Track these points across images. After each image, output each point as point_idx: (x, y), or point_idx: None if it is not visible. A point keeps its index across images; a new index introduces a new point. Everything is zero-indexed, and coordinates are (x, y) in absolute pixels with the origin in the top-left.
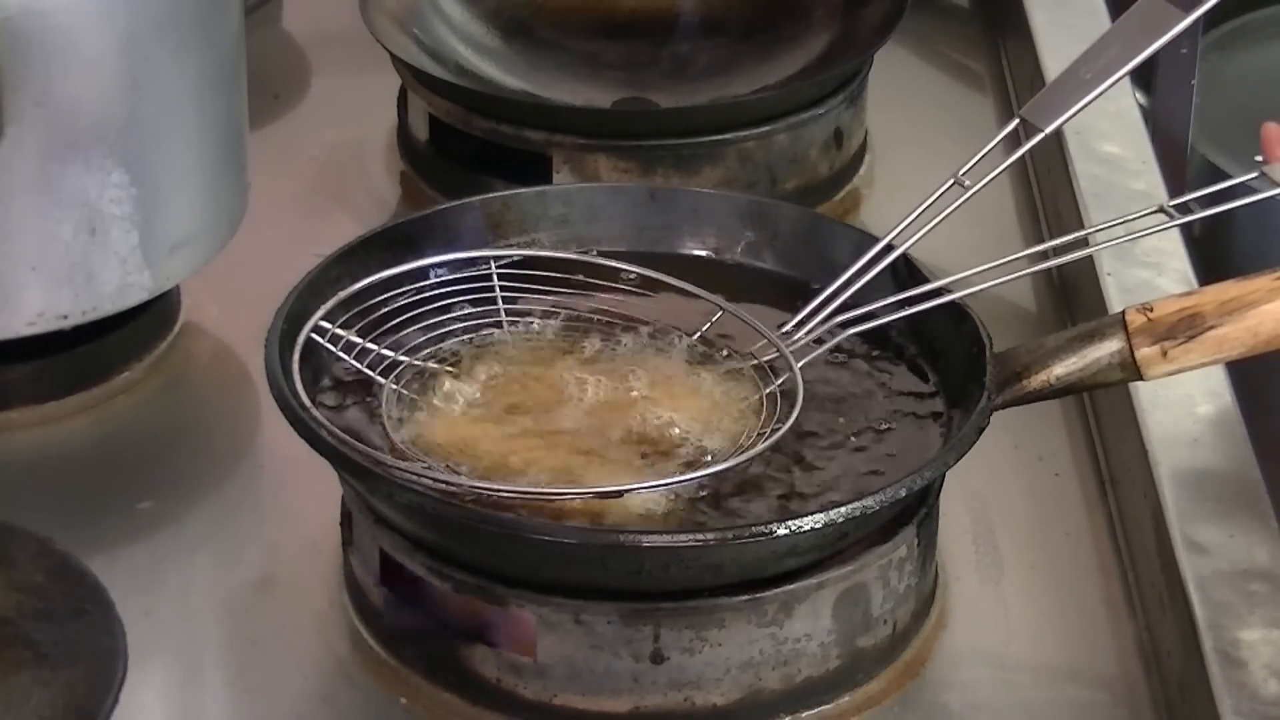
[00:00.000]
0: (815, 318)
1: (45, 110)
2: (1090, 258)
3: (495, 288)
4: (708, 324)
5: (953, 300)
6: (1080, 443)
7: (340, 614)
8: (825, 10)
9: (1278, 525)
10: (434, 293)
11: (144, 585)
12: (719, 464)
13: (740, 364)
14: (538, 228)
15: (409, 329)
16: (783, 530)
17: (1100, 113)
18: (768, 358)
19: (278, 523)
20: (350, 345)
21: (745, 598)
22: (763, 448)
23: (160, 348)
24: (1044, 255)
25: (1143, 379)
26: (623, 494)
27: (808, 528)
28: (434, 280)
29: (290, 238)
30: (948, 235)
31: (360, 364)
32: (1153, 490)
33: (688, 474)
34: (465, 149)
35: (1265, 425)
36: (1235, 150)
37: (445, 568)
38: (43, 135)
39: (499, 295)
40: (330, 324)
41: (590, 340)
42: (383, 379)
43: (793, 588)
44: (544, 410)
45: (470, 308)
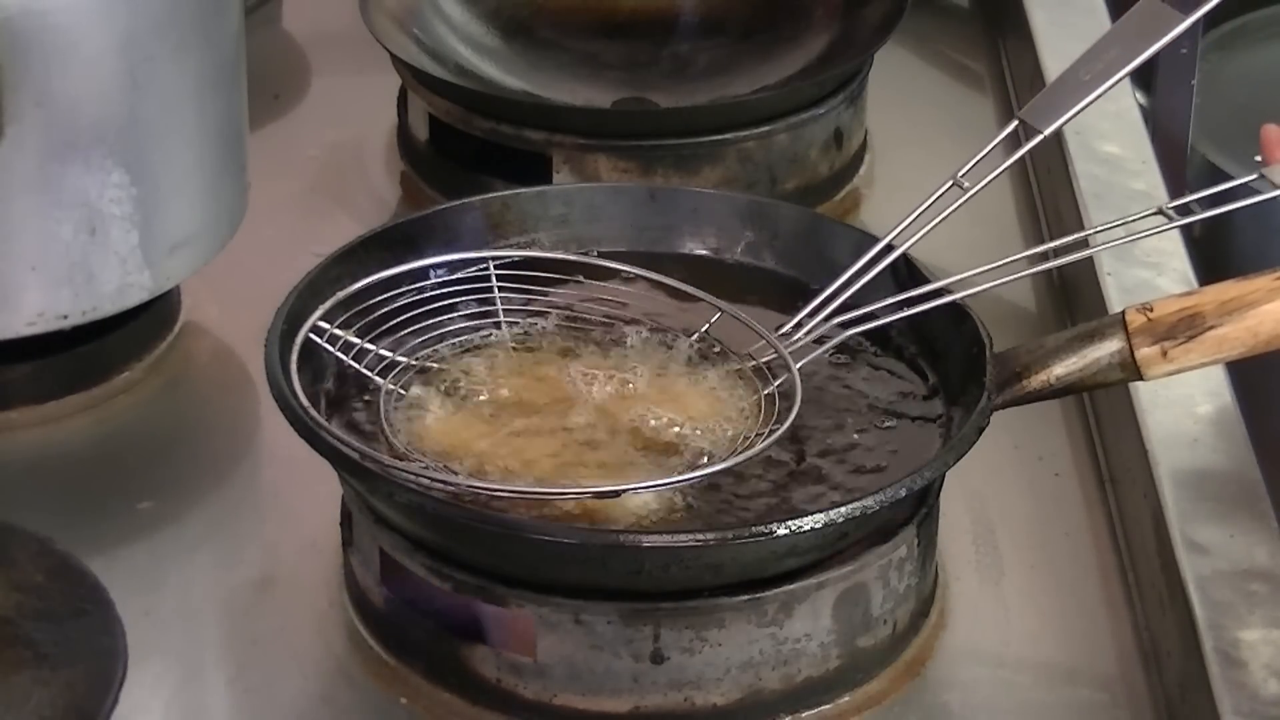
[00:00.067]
0: (815, 318)
1: (45, 110)
2: (1090, 258)
3: (495, 288)
4: (707, 325)
5: (953, 300)
6: (1080, 443)
7: (340, 614)
8: (825, 10)
9: (1278, 525)
10: (434, 293)
11: (144, 585)
12: (718, 464)
13: (740, 364)
14: (538, 228)
15: (409, 329)
16: (783, 530)
17: (1100, 113)
18: (767, 358)
19: (278, 523)
20: (349, 345)
21: (745, 598)
22: (762, 448)
23: (160, 348)
24: (1044, 256)
25: (1143, 379)
26: (621, 494)
27: (808, 528)
28: (434, 280)
29: (290, 238)
30: (948, 235)
31: (359, 364)
32: (1153, 490)
33: (687, 474)
34: (465, 149)
35: (1265, 425)
36: (1235, 150)
37: (445, 568)
38: (43, 135)
39: (498, 296)
40: (330, 324)
41: (589, 341)
42: (382, 379)
43: (793, 588)
44: (543, 411)
45: (470, 308)
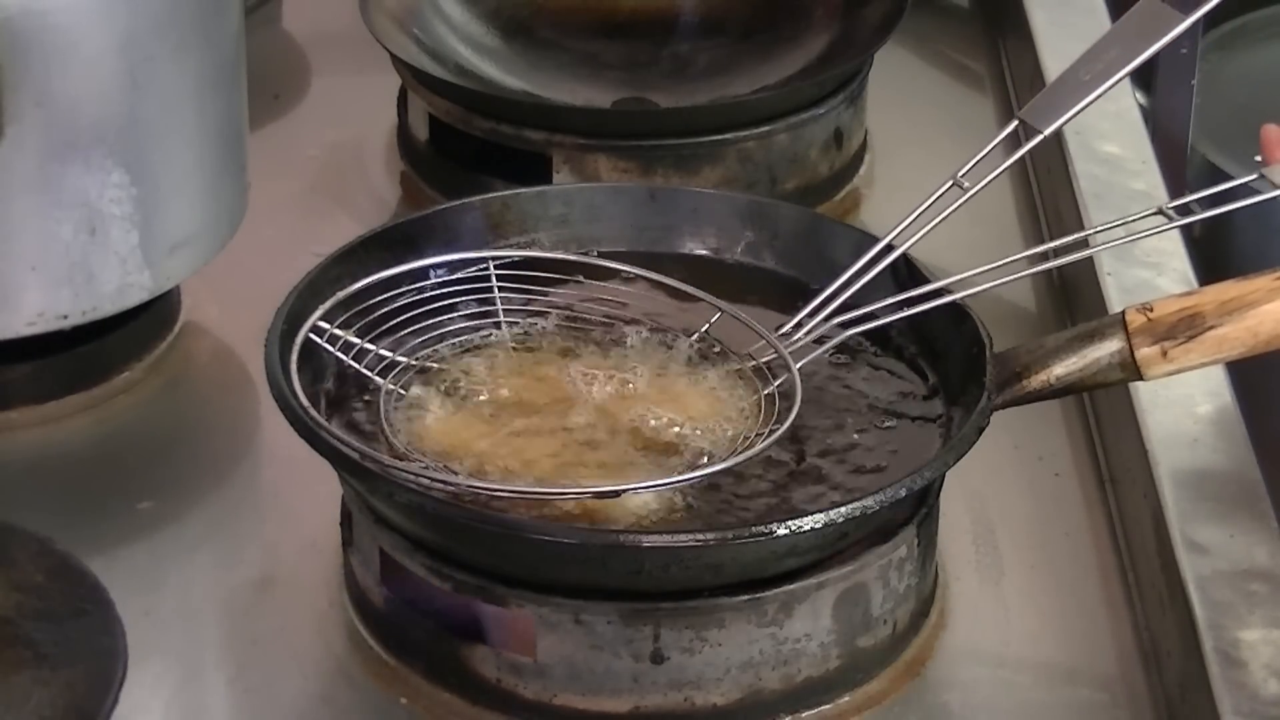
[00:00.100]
0: (815, 318)
1: (45, 110)
2: (1090, 258)
3: (495, 288)
4: (707, 325)
5: (953, 300)
6: (1080, 443)
7: (340, 614)
8: (825, 10)
9: (1278, 525)
10: (434, 293)
11: (144, 585)
12: (718, 464)
13: (740, 364)
14: (538, 228)
15: (409, 329)
16: (783, 530)
17: (1100, 113)
18: (767, 358)
19: (278, 523)
20: (349, 345)
21: (745, 598)
22: (762, 448)
23: (160, 348)
24: (1044, 256)
25: (1143, 379)
26: (621, 494)
27: (808, 528)
28: (434, 280)
29: (290, 238)
30: (948, 235)
31: (359, 364)
32: (1153, 490)
33: (687, 474)
34: (465, 149)
35: (1265, 425)
36: (1235, 150)
37: (445, 568)
38: (43, 135)
39: (498, 296)
40: (330, 324)
41: (589, 341)
42: (382, 379)
43: (793, 588)
44: (543, 411)
45: (470, 308)
